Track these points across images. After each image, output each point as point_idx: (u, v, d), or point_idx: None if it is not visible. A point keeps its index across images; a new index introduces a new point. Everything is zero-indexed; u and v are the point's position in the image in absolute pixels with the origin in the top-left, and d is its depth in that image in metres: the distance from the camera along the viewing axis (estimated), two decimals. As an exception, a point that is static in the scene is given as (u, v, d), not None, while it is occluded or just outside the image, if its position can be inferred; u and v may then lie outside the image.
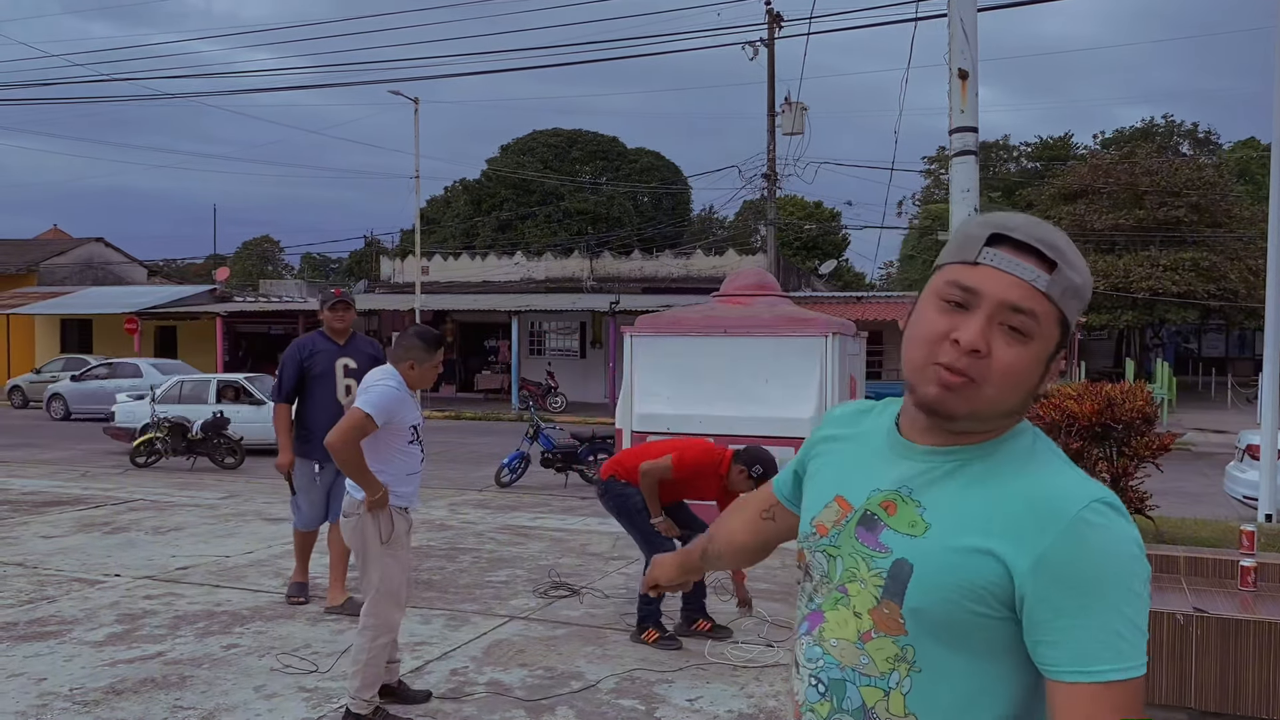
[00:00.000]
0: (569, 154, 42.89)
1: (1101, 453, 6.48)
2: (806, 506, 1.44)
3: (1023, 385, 1.23)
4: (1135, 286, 29.21)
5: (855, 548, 1.30)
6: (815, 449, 1.49)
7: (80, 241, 40.85)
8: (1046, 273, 1.21)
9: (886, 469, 1.33)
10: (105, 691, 4.80)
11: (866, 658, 1.26)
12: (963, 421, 1.25)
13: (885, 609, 1.25)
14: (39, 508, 10.24)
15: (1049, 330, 1.23)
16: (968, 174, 4.97)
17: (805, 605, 1.39)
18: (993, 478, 1.25)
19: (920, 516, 1.25)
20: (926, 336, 1.24)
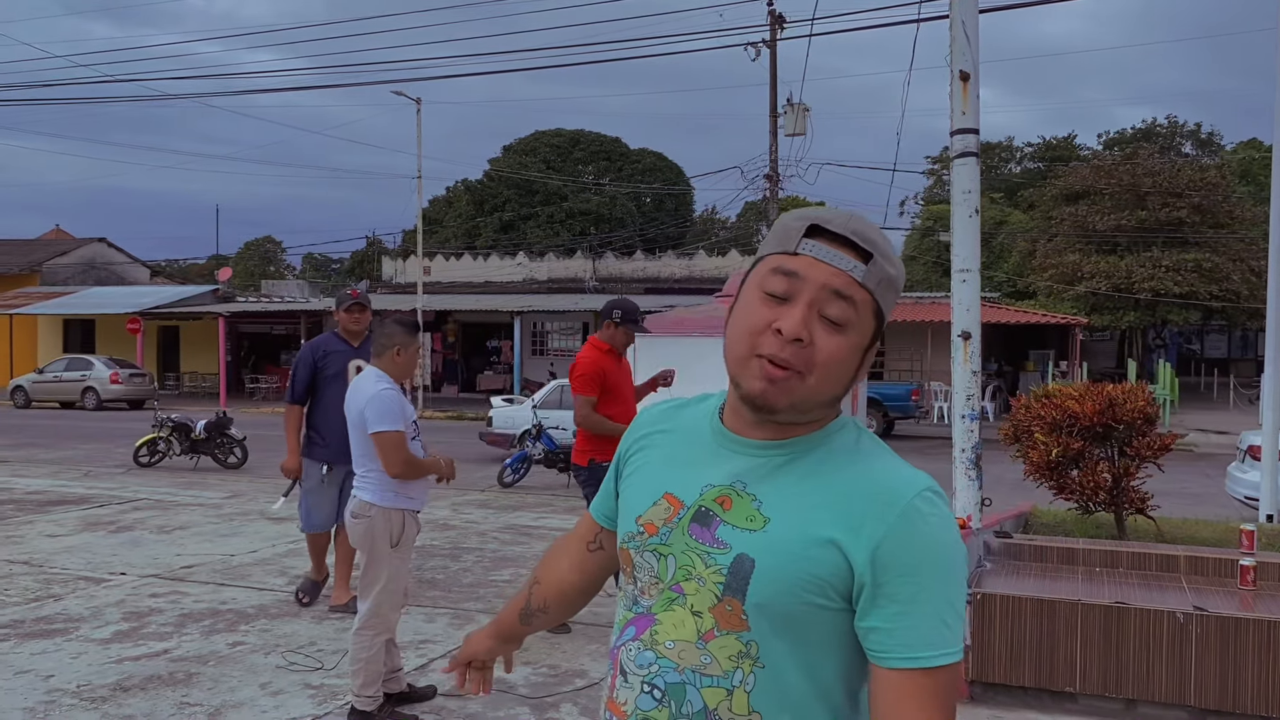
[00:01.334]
0: (571, 154, 42.93)
1: (1103, 453, 6.50)
2: (629, 506, 1.38)
3: (842, 375, 1.25)
4: (1137, 287, 29.20)
5: (689, 545, 1.27)
6: (631, 453, 1.45)
7: (83, 242, 40.95)
8: (863, 264, 1.24)
9: (717, 464, 1.31)
10: (112, 688, 4.83)
11: (709, 657, 1.24)
12: (784, 413, 1.25)
13: (728, 606, 1.23)
14: (43, 507, 10.28)
15: (866, 320, 1.25)
16: (969, 175, 5.00)
17: (628, 609, 1.35)
18: (825, 469, 1.26)
19: (758, 511, 1.25)
20: (750, 328, 1.25)
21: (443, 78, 50.33)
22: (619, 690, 1.31)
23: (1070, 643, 4.63)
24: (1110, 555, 5.49)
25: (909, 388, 21.18)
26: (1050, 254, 31.91)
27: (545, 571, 1.67)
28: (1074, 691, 4.66)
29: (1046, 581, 5.08)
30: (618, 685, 1.32)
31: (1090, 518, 6.74)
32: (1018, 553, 5.62)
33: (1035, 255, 33.22)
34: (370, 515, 4.35)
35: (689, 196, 45.85)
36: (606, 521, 1.54)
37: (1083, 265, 30.35)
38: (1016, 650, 4.71)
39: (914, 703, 1.17)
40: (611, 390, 5.63)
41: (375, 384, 4.41)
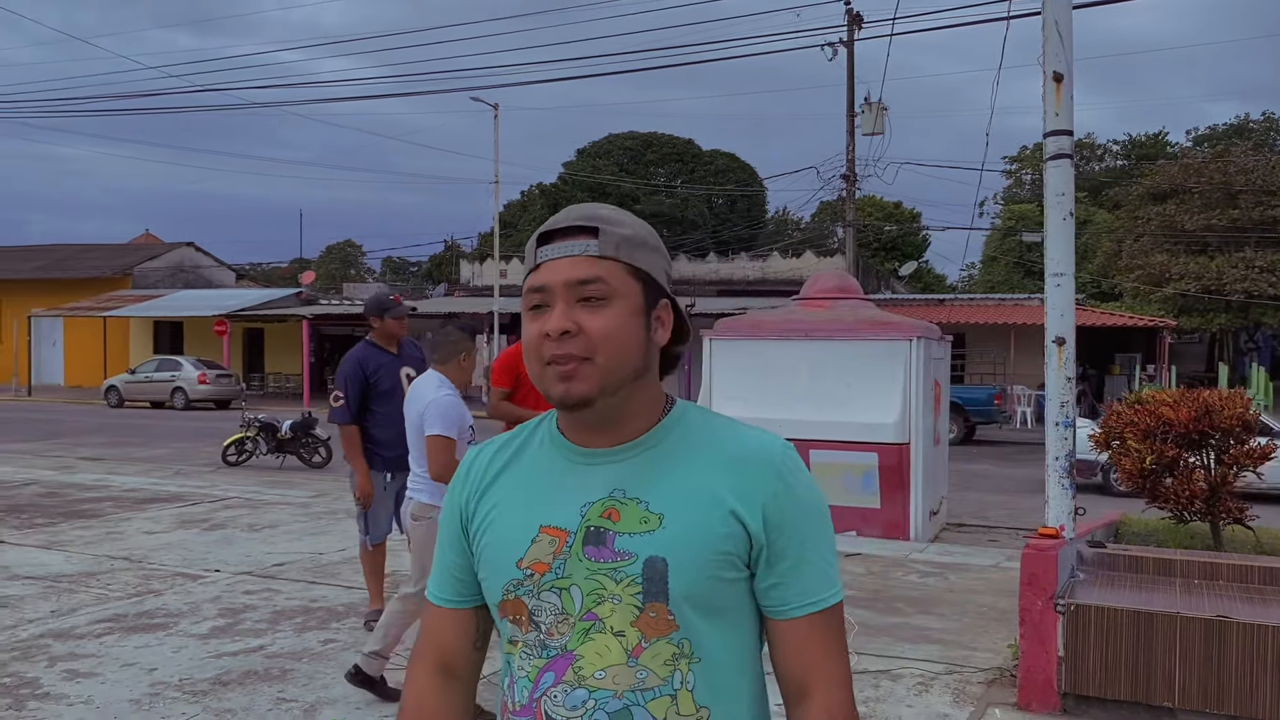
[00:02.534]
0: (644, 157, 43.04)
1: (1199, 460, 6.32)
2: (501, 554, 1.30)
3: (628, 342, 1.27)
4: (1229, 289, 28.28)
5: (591, 568, 1.24)
6: (473, 504, 1.37)
7: (172, 246, 42.24)
8: (594, 239, 1.27)
9: (584, 481, 1.29)
10: (212, 682, 4.99)
11: (644, 671, 1.23)
12: (599, 400, 1.25)
13: (652, 613, 1.22)
14: (140, 504, 10.63)
15: (624, 284, 1.27)
16: (1063, 178, 4.90)
17: (535, 659, 1.27)
18: (690, 451, 1.29)
19: (647, 511, 1.25)
20: (529, 346, 1.28)
21: (519, 84, 51.03)
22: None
23: (1169, 657, 4.51)
24: (1209, 567, 5.33)
25: (991, 391, 20.79)
26: (1136, 254, 31.08)
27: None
28: (1172, 707, 4.53)
29: (1143, 593, 4.96)
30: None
31: (1185, 527, 6.55)
32: (1112, 563, 5.49)
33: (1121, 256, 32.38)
34: (431, 516, 4.46)
35: (762, 198, 45.64)
36: (473, 600, 1.39)
37: (1171, 266, 29.50)
38: (1112, 663, 4.60)
39: (819, 644, 1.27)
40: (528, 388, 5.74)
41: (438, 389, 4.54)
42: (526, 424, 1.42)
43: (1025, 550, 4.81)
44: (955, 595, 6.99)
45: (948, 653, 5.61)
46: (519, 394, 5.79)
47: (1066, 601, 4.69)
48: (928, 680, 5.14)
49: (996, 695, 4.93)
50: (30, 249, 43.13)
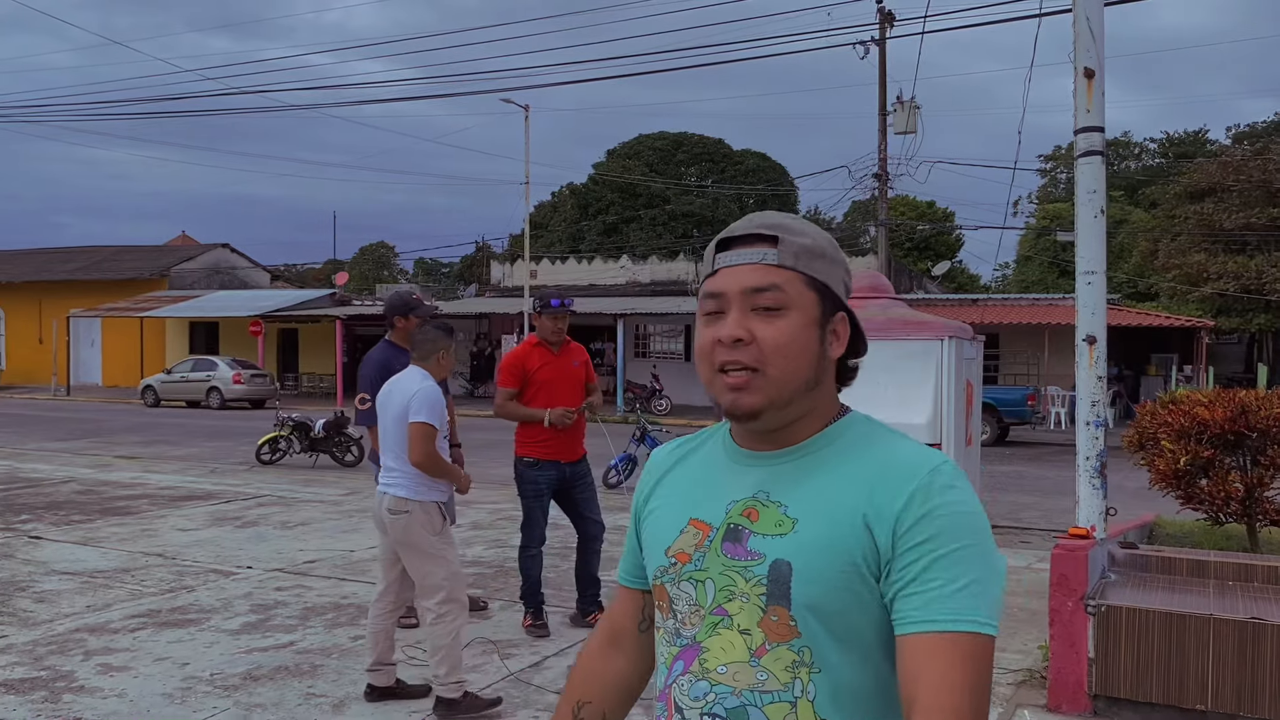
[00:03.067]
0: (674, 157, 43.02)
1: (1234, 461, 6.23)
2: (656, 541, 1.36)
3: (802, 354, 1.26)
4: (1268, 288, 27.82)
5: (726, 564, 1.26)
6: (648, 497, 1.44)
7: (207, 247, 42.74)
8: (772, 248, 1.27)
9: (736, 481, 1.31)
10: (243, 677, 5.05)
11: (764, 673, 1.22)
12: (769, 414, 1.26)
13: (774, 616, 1.22)
14: (175, 502, 10.77)
15: (800, 295, 1.27)
16: (1094, 175, 4.85)
17: (670, 646, 1.32)
18: (842, 461, 1.27)
19: (784, 515, 1.25)
20: (702, 351, 1.29)
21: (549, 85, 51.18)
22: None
23: (1201, 659, 4.45)
24: (1244, 569, 5.25)
25: (1025, 392, 20.59)
26: (1174, 254, 30.65)
27: (589, 687, 1.51)
28: (1205, 709, 4.47)
29: (1175, 595, 4.90)
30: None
31: (1220, 529, 6.46)
32: (1144, 564, 5.42)
33: (1158, 255, 31.96)
34: (408, 510, 4.49)
35: (793, 197, 45.49)
36: (643, 583, 1.46)
37: (1209, 265, 29.07)
38: (1144, 665, 4.55)
39: (936, 667, 1.14)
40: (543, 383, 5.76)
41: (421, 380, 4.61)
42: (710, 427, 1.46)
43: (1055, 551, 4.77)
44: (985, 596, 6.93)
45: (977, 654, 5.55)
46: (526, 394, 5.79)
47: (1097, 603, 4.64)
48: (956, 681, 5.10)
49: (1026, 696, 4.89)
50: (69, 250, 43.81)
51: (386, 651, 4.69)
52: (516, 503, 6.04)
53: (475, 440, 9.98)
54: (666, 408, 25.47)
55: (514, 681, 5.01)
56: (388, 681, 4.69)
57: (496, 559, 7.93)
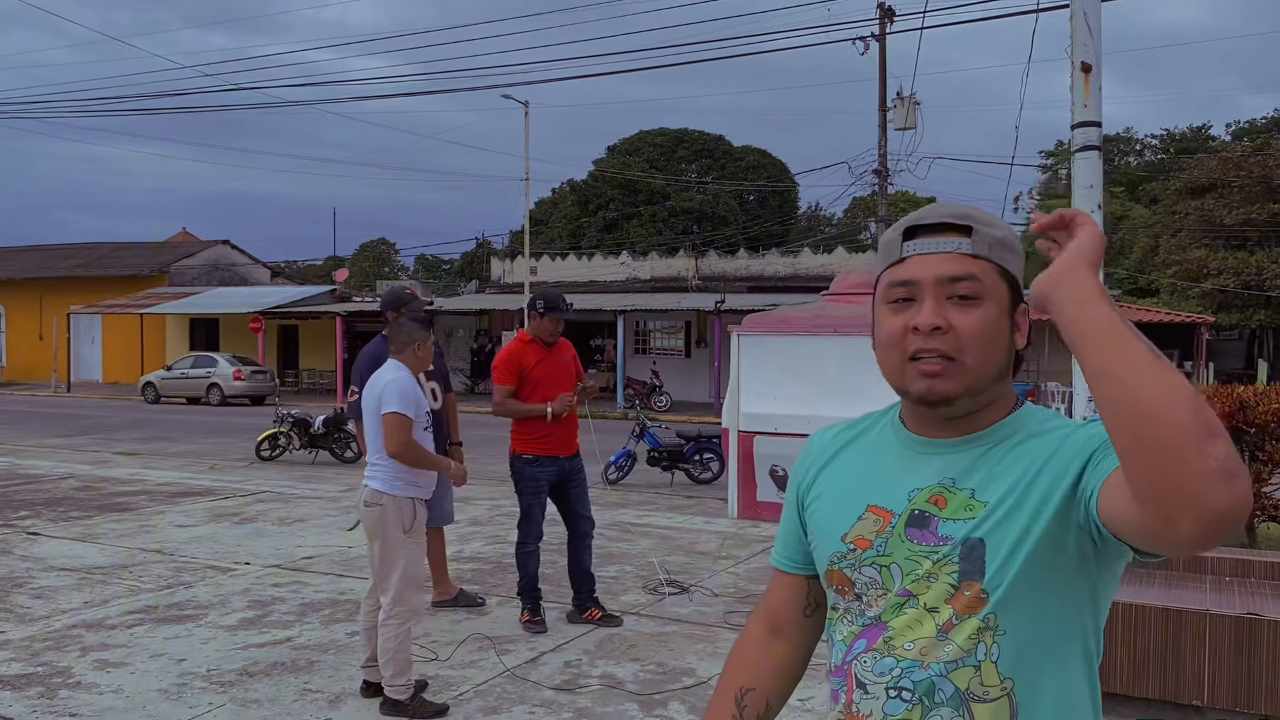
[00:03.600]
0: (675, 153, 42.98)
1: (1232, 457, 6.25)
2: (829, 528, 1.39)
3: (997, 344, 1.29)
4: (1269, 284, 27.82)
5: (911, 550, 1.30)
6: (810, 482, 1.46)
7: (208, 244, 42.73)
8: (966, 238, 1.29)
9: (916, 469, 1.33)
10: (239, 673, 5.05)
11: (950, 645, 1.26)
12: (961, 400, 1.29)
13: (966, 591, 1.26)
14: (173, 498, 10.78)
15: (994, 286, 1.29)
16: (1091, 170, 4.84)
17: (851, 626, 1.35)
18: (1021, 442, 1.30)
19: (973, 499, 1.27)
20: (890, 339, 1.31)
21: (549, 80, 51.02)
22: (859, 704, 1.32)
23: (1198, 655, 4.45)
24: (1241, 564, 5.25)
25: (1024, 388, 20.60)
26: (1174, 250, 30.66)
27: (750, 673, 1.54)
28: (1201, 705, 4.47)
29: (1172, 590, 4.89)
30: (856, 699, 1.33)
31: (1219, 525, 6.46)
32: (1140, 560, 5.40)
33: (1158, 251, 31.96)
34: (381, 504, 4.51)
35: (793, 193, 45.45)
36: (807, 568, 1.50)
37: (1209, 261, 29.07)
38: (1140, 662, 4.55)
39: None
40: (540, 380, 5.78)
41: (394, 372, 4.63)
42: (871, 413, 1.47)
43: (1051, 546, 4.76)
44: (983, 592, 6.93)
45: (974, 650, 5.56)
46: (523, 392, 5.80)
47: (1093, 598, 4.62)
48: (953, 677, 5.10)
49: (1022, 692, 4.88)
50: (70, 247, 43.80)
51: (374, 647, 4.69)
52: (515, 499, 6.04)
53: (476, 436, 9.97)
54: (666, 404, 25.46)
55: (510, 677, 5.01)
56: (378, 678, 4.68)
57: (494, 555, 7.93)
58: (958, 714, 1.26)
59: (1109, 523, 1.16)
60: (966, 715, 1.26)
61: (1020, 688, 1.26)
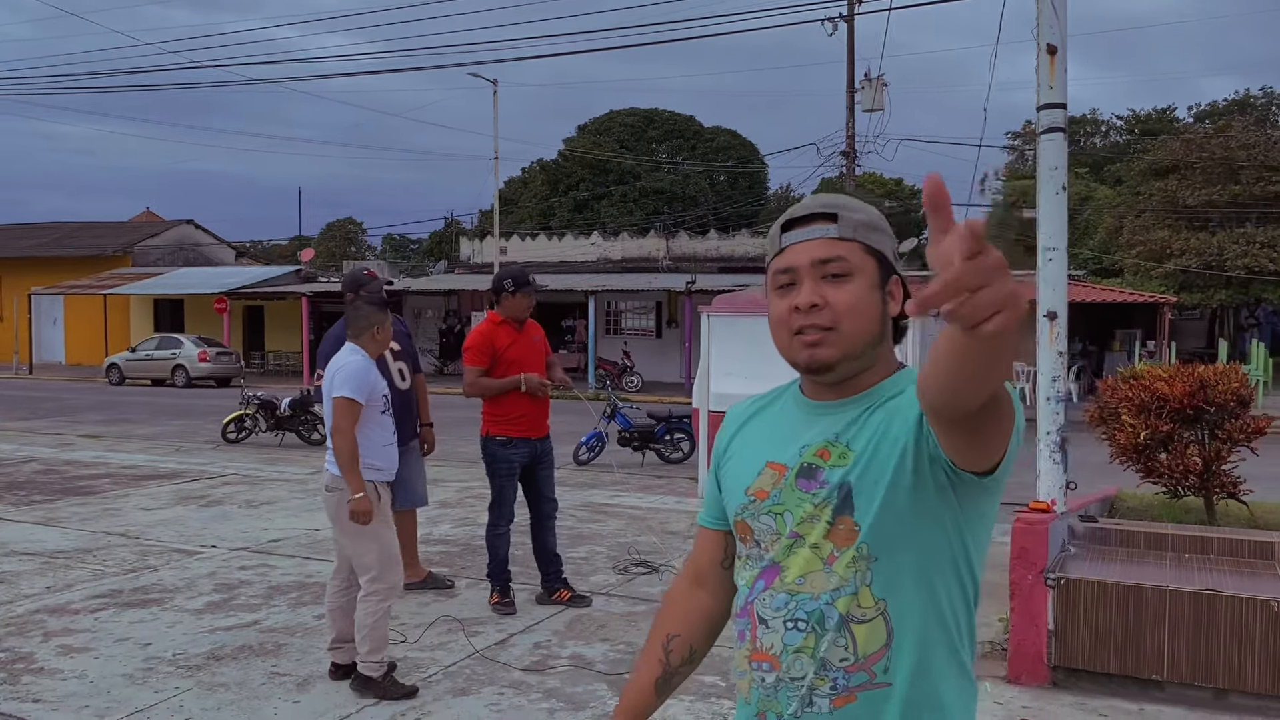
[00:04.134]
0: (646, 133, 42.85)
1: (1193, 435, 6.32)
2: (736, 483, 1.58)
3: (868, 313, 1.46)
4: (1229, 265, 28.17)
5: (800, 497, 1.48)
6: (725, 447, 1.66)
7: (172, 224, 42.16)
8: (833, 224, 1.47)
9: (808, 428, 1.52)
10: (206, 657, 5.01)
11: (833, 575, 1.44)
12: (841, 365, 1.46)
13: (840, 525, 1.44)
14: (138, 481, 10.66)
15: (862, 262, 1.46)
16: (1056, 151, 4.87)
17: (752, 570, 1.53)
18: (892, 398, 1.47)
19: (848, 448, 1.46)
20: (778, 319, 1.50)
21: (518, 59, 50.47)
22: (762, 639, 1.49)
23: (1158, 630, 4.52)
24: (1200, 541, 5.34)
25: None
26: (1138, 230, 30.93)
27: (677, 621, 1.72)
28: (1161, 680, 4.55)
29: (1133, 567, 4.97)
30: (759, 635, 1.49)
31: (1179, 502, 6.56)
32: (1103, 537, 5.49)
33: (1122, 232, 32.24)
34: (342, 488, 4.49)
35: (763, 174, 45.46)
36: (724, 524, 1.66)
37: (1172, 242, 29.36)
38: (1101, 637, 4.62)
39: None
40: (512, 360, 5.78)
41: (349, 355, 4.60)
42: (779, 387, 1.66)
43: (1015, 524, 4.82)
44: (949, 570, 7.01)
45: (939, 627, 5.62)
46: (495, 373, 5.79)
47: (1057, 575, 4.70)
48: (919, 654, 5.16)
49: (987, 669, 4.95)
50: (31, 227, 43.05)
51: (346, 629, 4.67)
52: (485, 481, 6.02)
53: (445, 418, 9.91)
54: (638, 384, 25.47)
55: (480, 659, 5.01)
56: (350, 659, 4.67)
57: (464, 537, 7.92)
58: (841, 636, 1.43)
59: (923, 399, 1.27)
60: (849, 636, 1.43)
61: (892, 607, 1.43)
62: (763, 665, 1.48)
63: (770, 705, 1.48)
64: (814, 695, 1.44)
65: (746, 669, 1.51)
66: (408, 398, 6.09)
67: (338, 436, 4.46)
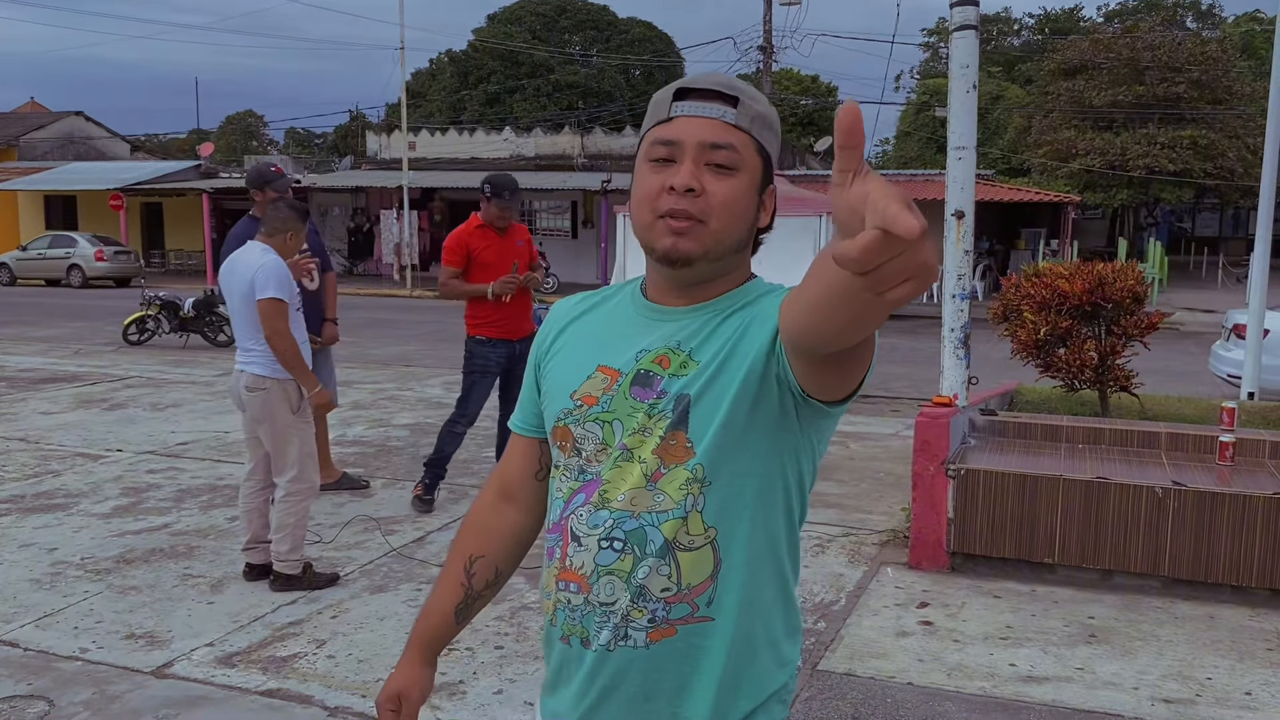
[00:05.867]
0: (558, 24, 41.73)
1: (1090, 331, 6.55)
2: (560, 386, 1.42)
3: (742, 215, 1.33)
4: (1131, 165, 28.94)
5: (633, 406, 1.34)
6: (549, 344, 1.50)
7: (59, 115, 39.93)
8: (732, 108, 1.31)
9: (647, 333, 1.38)
10: (116, 560, 4.95)
11: (660, 495, 1.31)
12: (700, 262, 1.32)
13: (672, 440, 1.31)
14: (36, 384, 10.31)
15: (750, 159, 1.32)
16: (968, 49, 4.89)
17: (571, 482, 1.38)
18: (740, 309, 1.36)
19: (689, 358, 1.33)
20: (646, 195, 1.32)
21: (425, -57, 47.90)
22: (573, 557, 1.35)
23: (1050, 517, 4.76)
24: (1093, 432, 5.59)
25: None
26: (1045, 130, 31.49)
27: (481, 540, 1.56)
28: (1052, 563, 4.81)
29: (1029, 458, 5.19)
30: (570, 553, 1.36)
31: (1075, 396, 6.83)
32: (1002, 430, 5.71)
33: (1030, 131, 32.79)
34: (265, 388, 4.46)
35: (680, 69, 44.78)
36: (539, 431, 1.52)
37: (1077, 142, 29.99)
38: (998, 524, 4.84)
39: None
40: (488, 265, 5.73)
41: (263, 255, 4.49)
42: (613, 284, 1.50)
43: (918, 418, 4.98)
44: (855, 463, 7.24)
45: (845, 516, 5.83)
46: (469, 275, 5.70)
47: (957, 466, 4.88)
48: (825, 542, 5.35)
49: (889, 555, 5.16)
50: (-98, 117, 40.41)
51: (261, 530, 4.65)
52: (399, 383, 5.98)
53: (354, 320, 9.76)
54: (554, 285, 25.31)
55: (397, 557, 5.04)
56: (265, 559, 4.66)
57: (378, 438, 7.87)
58: (664, 563, 1.31)
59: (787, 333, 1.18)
60: (673, 564, 1.31)
61: (722, 536, 1.32)
62: (570, 585, 1.36)
63: (575, 630, 1.36)
64: (630, 627, 1.32)
65: (553, 589, 1.39)
66: (316, 297, 5.96)
67: (276, 338, 4.38)
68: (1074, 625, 4.29)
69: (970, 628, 4.26)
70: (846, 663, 3.92)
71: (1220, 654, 4.03)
